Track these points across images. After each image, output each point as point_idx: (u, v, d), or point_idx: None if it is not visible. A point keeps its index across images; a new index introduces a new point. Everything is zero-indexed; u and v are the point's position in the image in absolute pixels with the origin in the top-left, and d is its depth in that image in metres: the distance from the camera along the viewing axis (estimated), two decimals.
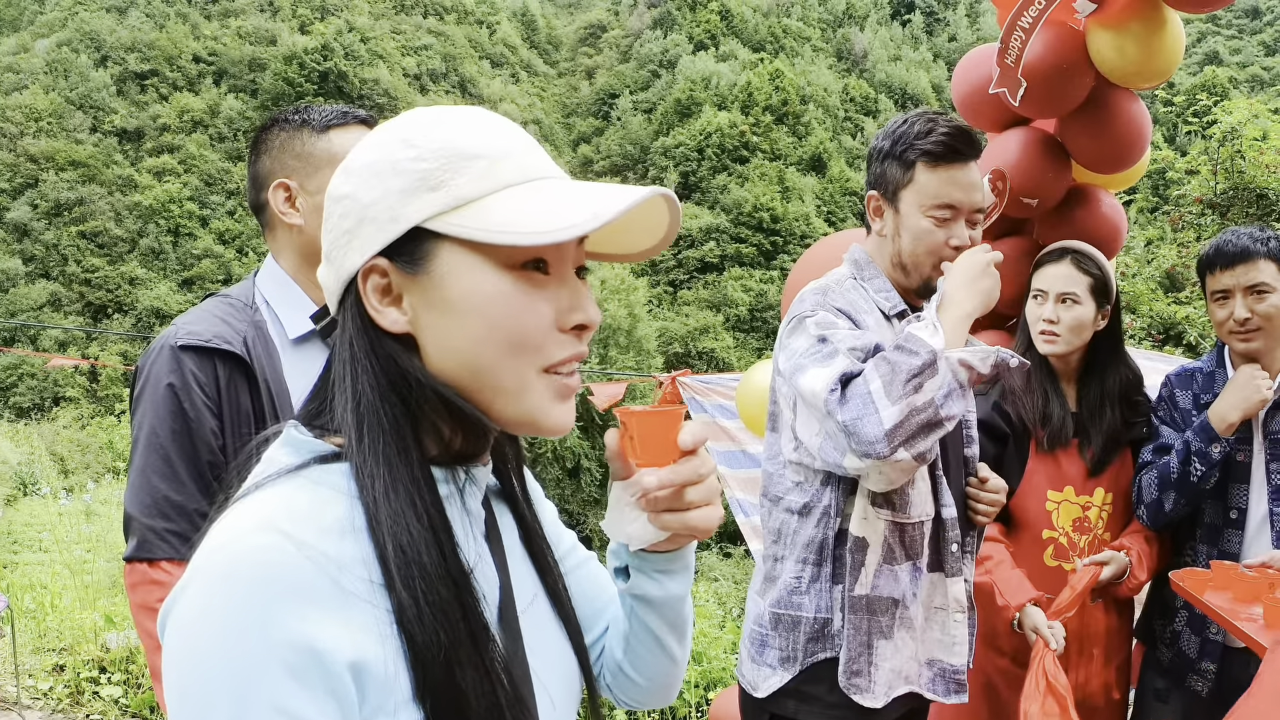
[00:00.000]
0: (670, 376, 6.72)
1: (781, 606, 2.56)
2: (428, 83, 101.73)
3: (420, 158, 1.08)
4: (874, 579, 2.47)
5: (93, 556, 9.24)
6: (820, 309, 2.48)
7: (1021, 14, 3.30)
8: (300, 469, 1.08)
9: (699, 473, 1.18)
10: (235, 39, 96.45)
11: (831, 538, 2.49)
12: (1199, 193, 9.98)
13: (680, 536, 1.23)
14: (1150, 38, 3.41)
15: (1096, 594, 3.11)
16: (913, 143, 2.52)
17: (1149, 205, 17.13)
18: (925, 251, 2.53)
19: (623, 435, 1.18)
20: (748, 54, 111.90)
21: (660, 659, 1.38)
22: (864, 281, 2.62)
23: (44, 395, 57.50)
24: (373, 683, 0.99)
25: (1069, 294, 3.13)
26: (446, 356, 1.09)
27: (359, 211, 1.09)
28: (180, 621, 0.98)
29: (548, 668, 1.22)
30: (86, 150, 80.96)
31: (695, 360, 63.85)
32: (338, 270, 1.11)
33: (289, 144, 2.25)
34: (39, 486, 14.80)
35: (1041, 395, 3.21)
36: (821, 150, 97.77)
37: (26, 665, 6.18)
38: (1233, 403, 2.94)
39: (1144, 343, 9.19)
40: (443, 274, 1.07)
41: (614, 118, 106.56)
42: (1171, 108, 12.21)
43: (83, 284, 73.69)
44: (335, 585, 0.99)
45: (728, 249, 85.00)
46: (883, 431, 2.18)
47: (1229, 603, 2.63)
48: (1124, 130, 3.66)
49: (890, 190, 2.57)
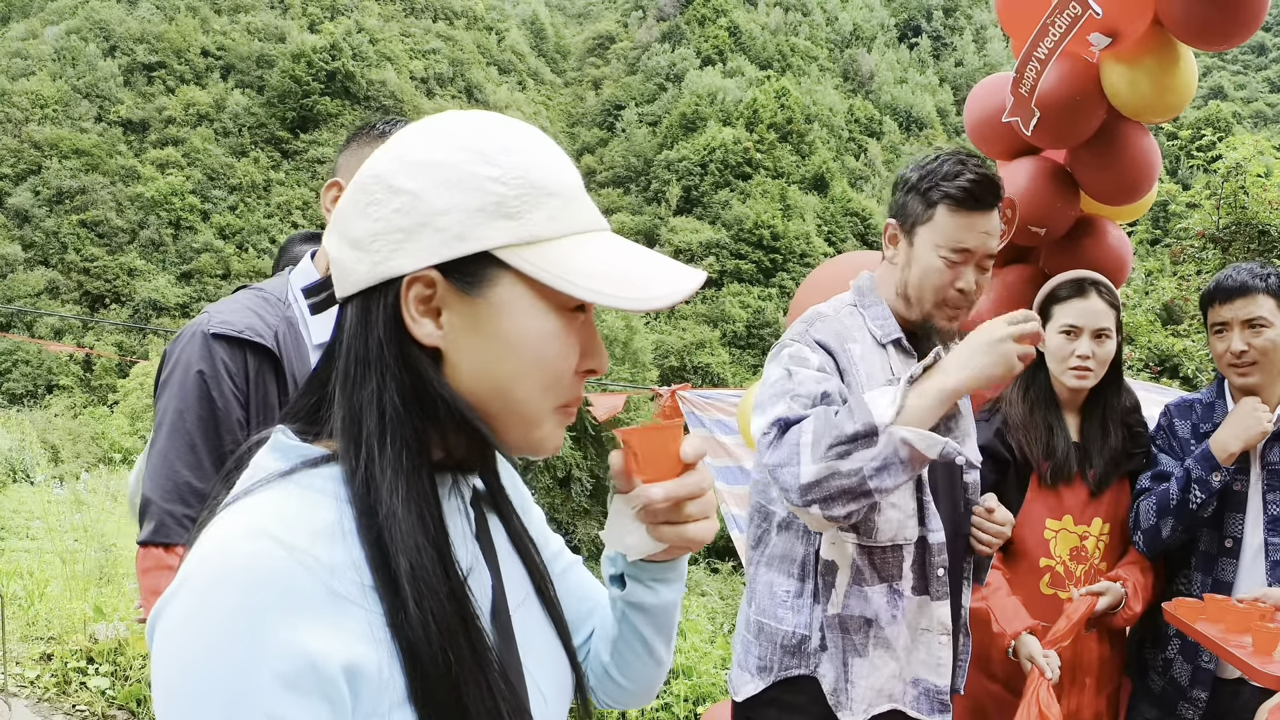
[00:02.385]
0: (670, 390, 6.73)
1: (764, 616, 2.60)
2: (434, 86, 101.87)
3: (500, 180, 1.06)
4: (844, 599, 2.50)
5: (82, 546, 9.21)
6: (800, 340, 2.52)
7: (1037, 45, 3.32)
8: (289, 474, 1.07)
9: (700, 486, 1.19)
10: (244, 34, 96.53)
11: (813, 555, 2.53)
12: (1201, 226, 10.01)
13: (676, 548, 1.24)
14: (1163, 73, 3.44)
15: (1091, 624, 3.12)
16: (939, 182, 2.53)
17: (1150, 237, 17.19)
18: (930, 289, 2.55)
19: (627, 454, 1.19)
20: (754, 71, 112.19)
21: (647, 663, 1.40)
22: (863, 308, 2.65)
23: (37, 382, 57.43)
24: (366, 686, 0.99)
25: (1104, 329, 3.15)
26: (480, 380, 1.09)
27: (422, 215, 1.05)
28: (170, 627, 0.98)
29: (540, 666, 1.22)
30: (91, 139, 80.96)
31: (690, 375, 63.83)
32: (374, 264, 1.06)
33: (359, 151, 2.26)
34: (31, 475, 14.76)
35: (1045, 428, 3.21)
36: (824, 170, 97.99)
37: (14, 653, 6.15)
38: (1234, 433, 2.97)
39: (1141, 374, 9.21)
40: (501, 304, 1.07)
41: (619, 129, 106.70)
42: (1175, 141, 12.24)
43: (81, 273, 73.60)
44: (327, 590, 0.99)
45: (727, 265, 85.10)
46: (798, 484, 2.23)
47: (1221, 632, 2.65)
48: (1134, 163, 3.68)
49: (909, 223, 2.59)
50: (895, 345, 2.61)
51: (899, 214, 2.63)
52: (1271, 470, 3.06)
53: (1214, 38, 3.33)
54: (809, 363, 2.45)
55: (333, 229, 1.12)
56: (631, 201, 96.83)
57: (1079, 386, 3.18)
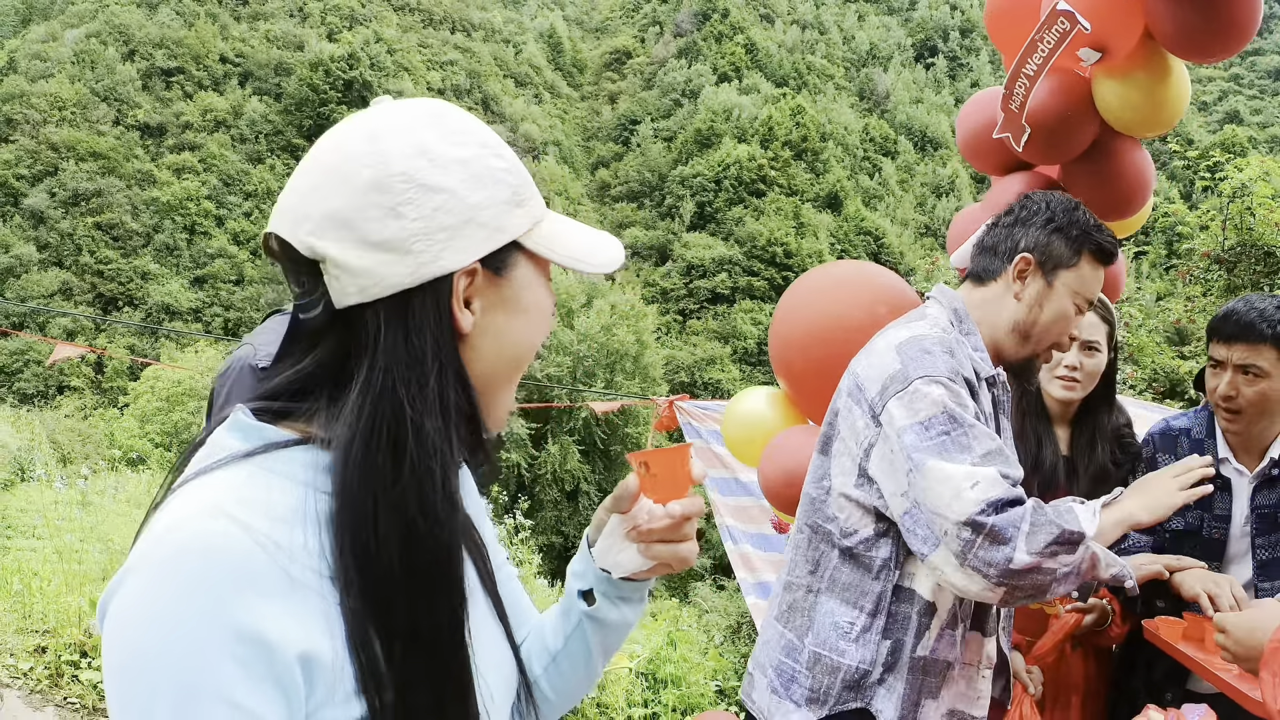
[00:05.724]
0: (668, 400, 6.75)
1: (824, 648, 2.49)
2: (451, 98, 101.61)
3: (510, 171, 1.14)
4: (935, 642, 2.46)
5: (84, 545, 9.22)
6: (952, 375, 2.39)
7: (1026, 60, 3.31)
8: (250, 455, 1.06)
9: (702, 507, 1.26)
10: (263, 42, 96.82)
11: (890, 591, 2.45)
12: (1206, 247, 9.98)
13: (662, 567, 1.29)
14: (1155, 86, 3.43)
15: (1077, 641, 3.11)
16: (1089, 231, 2.54)
17: (1161, 260, 17.11)
18: (1057, 332, 2.56)
19: (642, 476, 1.25)
20: (770, 88, 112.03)
21: (583, 677, 1.44)
22: (963, 334, 2.57)
23: (48, 383, 57.48)
24: (321, 675, 0.99)
25: (1093, 342, 3.15)
26: (499, 357, 1.15)
27: (465, 212, 1.08)
28: (123, 607, 0.96)
29: (486, 663, 1.23)
30: (108, 142, 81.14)
31: (700, 390, 63.65)
32: (419, 265, 1.06)
33: None
34: (29, 473, 14.77)
35: (1034, 440, 3.20)
36: (838, 188, 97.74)
37: (8, 645, 6.18)
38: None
39: (1144, 394, 9.17)
40: (522, 283, 1.16)
41: (634, 144, 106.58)
42: (1186, 162, 12.19)
43: (95, 275, 73.74)
44: (285, 574, 0.99)
45: (739, 281, 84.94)
46: (1006, 568, 2.16)
47: (1203, 651, 2.63)
48: (1127, 178, 3.68)
49: (1051, 264, 2.56)
50: (989, 385, 2.56)
51: (1041, 251, 2.57)
52: (1261, 515, 3.00)
53: (1206, 50, 3.31)
54: (967, 407, 2.36)
55: (334, 234, 1.06)
56: (645, 216, 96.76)
57: (1066, 398, 3.18)
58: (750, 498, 6.03)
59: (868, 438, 2.43)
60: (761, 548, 6.03)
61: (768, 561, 5.93)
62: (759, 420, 4.23)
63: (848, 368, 2.61)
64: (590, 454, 38.94)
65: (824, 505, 2.56)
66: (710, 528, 6.88)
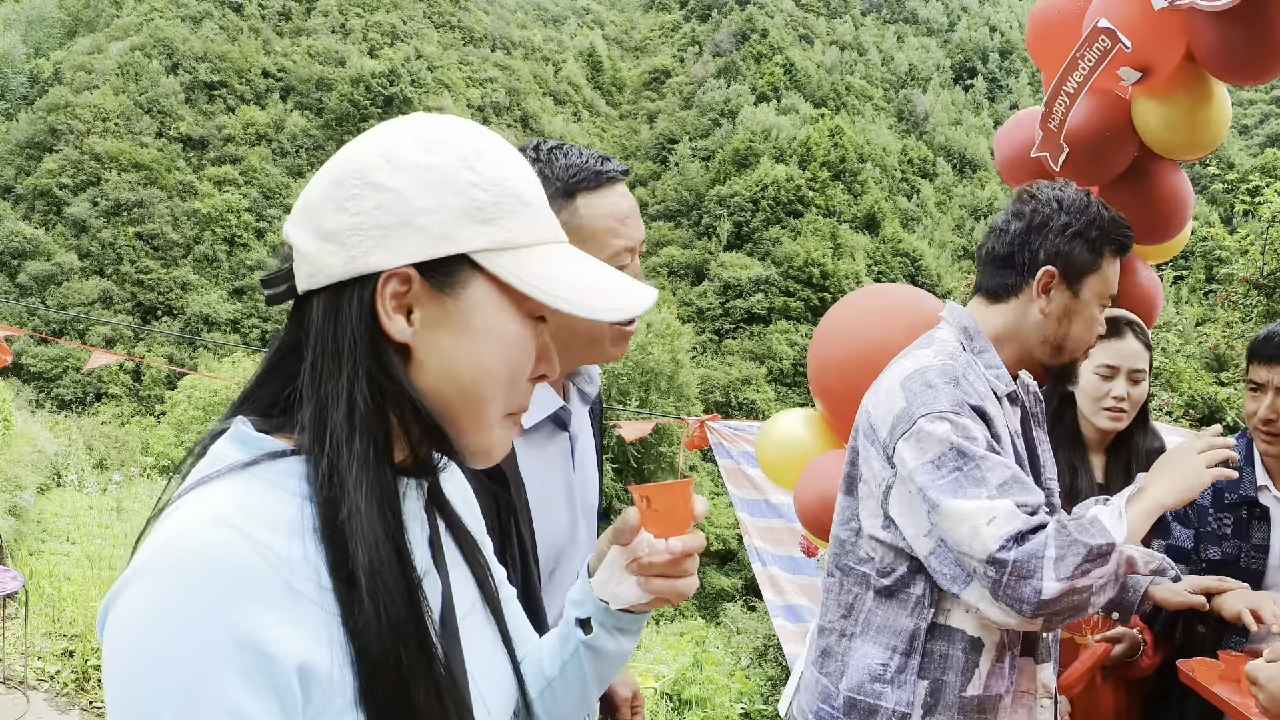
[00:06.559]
0: (699, 420, 6.73)
1: (859, 693, 2.42)
2: (490, 115, 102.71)
3: (479, 185, 1.10)
4: (987, 679, 2.38)
5: (115, 551, 9.28)
6: (957, 408, 2.29)
7: (1066, 78, 3.28)
8: (251, 466, 1.06)
9: (703, 543, 1.26)
10: (305, 57, 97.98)
11: (924, 629, 2.38)
12: (1246, 272, 9.87)
13: (660, 600, 1.28)
14: (1196, 109, 3.40)
15: (1107, 673, 3.05)
16: (1106, 230, 2.40)
17: (1200, 285, 16.96)
18: (1089, 340, 2.47)
19: (643, 510, 1.25)
20: (809, 109, 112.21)
21: (577, 705, 1.44)
22: (975, 354, 2.46)
23: (86, 390, 58.25)
24: (318, 687, 0.99)
25: (1139, 371, 3.11)
26: (446, 378, 1.11)
27: (405, 213, 1.07)
28: (126, 614, 0.96)
29: (485, 675, 1.23)
30: (150, 154, 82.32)
31: (735, 410, 63.62)
32: (350, 259, 1.07)
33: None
34: (64, 478, 14.90)
35: (1069, 470, 3.16)
36: (876, 209, 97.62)
37: (37, 648, 6.23)
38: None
39: (1181, 420, 9.06)
40: (473, 304, 1.10)
41: (672, 163, 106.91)
42: (1226, 186, 12.05)
43: (135, 284, 74.76)
44: (287, 585, 0.99)
45: (775, 302, 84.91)
46: (1038, 600, 2.11)
47: (1239, 694, 2.57)
48: (1165, 201, 3.64)
49: (1075, 273, 2.41)
50: (1009, 400, 2.48)
51: (1063, 262, 2.41)
52: None
53: (1247, 72, 3.26)
54: (978, 438, 2.27)
55: (301, 220, 1.11)
56: (682, 235, 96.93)
57: (1112, 429, 3.13)
58: (780, 520, 6.00)
59: (885, 479, 2.37)
60: (790, 570, 6.00)
61: (796, 584, 5.90)
62: (796, 442, 4.20)
63: (861, 403, 2.53)
64: (623, 472, 39.00)
65: (855, 548, 2.49)
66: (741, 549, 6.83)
